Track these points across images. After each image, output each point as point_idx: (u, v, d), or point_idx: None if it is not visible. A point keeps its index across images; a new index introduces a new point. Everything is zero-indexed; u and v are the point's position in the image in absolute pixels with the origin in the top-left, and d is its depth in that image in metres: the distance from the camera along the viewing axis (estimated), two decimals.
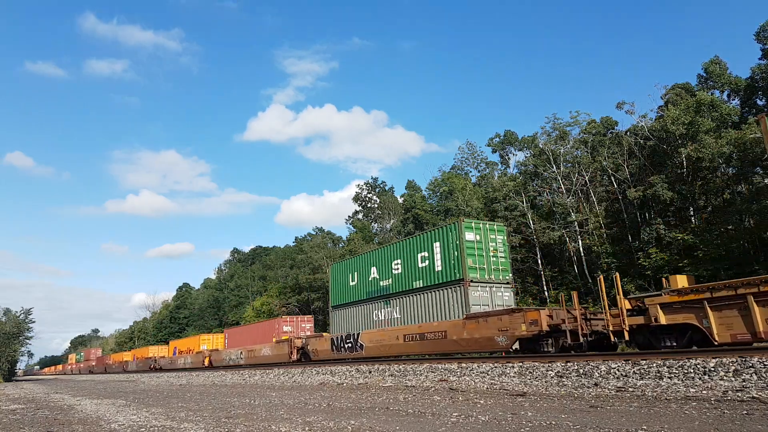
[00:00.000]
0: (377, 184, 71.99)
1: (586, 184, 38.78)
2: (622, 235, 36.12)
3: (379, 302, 24.26)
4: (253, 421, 7.31)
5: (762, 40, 35.13)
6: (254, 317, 64.63)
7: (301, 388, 13.44)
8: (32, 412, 11.44)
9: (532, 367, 11.56)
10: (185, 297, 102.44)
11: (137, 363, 55.60)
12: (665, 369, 9.23)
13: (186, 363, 41.72)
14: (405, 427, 6.15)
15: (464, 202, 44.89)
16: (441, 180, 52.38)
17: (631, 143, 36.51)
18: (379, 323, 23.80)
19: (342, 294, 27.52)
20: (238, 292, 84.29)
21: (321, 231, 73.78)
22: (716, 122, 31.92)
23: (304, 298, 62.21)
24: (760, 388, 7.25)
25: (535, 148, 43.69)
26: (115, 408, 11.17)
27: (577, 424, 5.56)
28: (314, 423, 6.80)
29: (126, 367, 58.88)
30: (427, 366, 14.61)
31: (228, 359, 34.61)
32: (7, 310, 58.63)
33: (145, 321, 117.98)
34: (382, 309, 23.97)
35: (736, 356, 9.11)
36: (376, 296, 24.56)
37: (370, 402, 9.00)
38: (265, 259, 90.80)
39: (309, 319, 36.14)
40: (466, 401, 8.24)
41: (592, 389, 8.60)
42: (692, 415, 5.80)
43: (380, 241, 61.18)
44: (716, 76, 38.03)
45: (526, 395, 8.53)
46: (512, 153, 55.36)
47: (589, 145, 40.11)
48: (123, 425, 7.91)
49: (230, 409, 9.25)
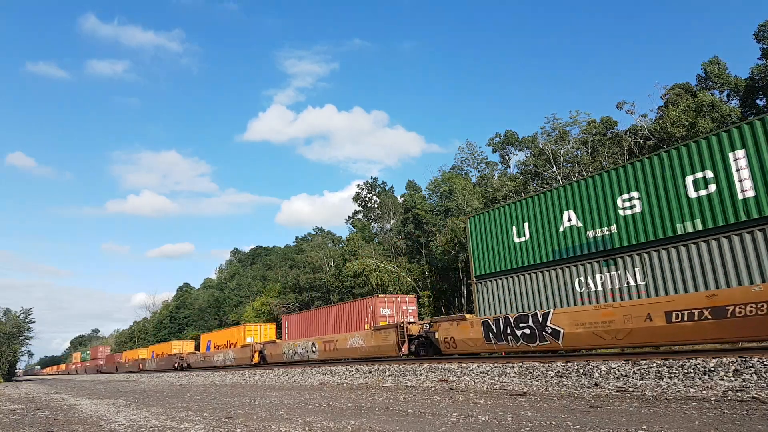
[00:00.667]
0: (377, 184, 72.09)
1: None
2: None
3: (587, 264, 16.49)
4: (253, 421, 7.31)
5: (761, 40, 35.15)
6: (254, 317, 64.63)
7: (301, 388, 13.44)
8: (32, 412, 11.44)
9: (532, 367, 11.57)
10: (185, 297, 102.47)
11: (157, 361, 48.67)
12: (665, 369, 9.23)
13: (226, 359, 35.23)
14: (405, 427, 6.15)
15: (464, 202, 44.90)
16: (441, 180, 52.42)
17: (630, 143, 36.51)
18: (587, 296, 16.33)
19: (494, 258, 19.59)
20: (239, 292, 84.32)
21: (321, 231, 73.87)
22: (716, 123, 31.94)
23: (304, 298, 62.21)
24: (760, 388, 7.25)
25: (535, 148, 43.70)
26: (115, 408, 11.17)
27: (577, 424, 5.56)
28: (314, 423, 6.80)
29: (143, 366, 52.07)
30: (427, 366, 14.63)
31: (291, 353, 27.47)
32: (7, 310, 58.81)
33: (145, 321, 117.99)
34: (593, 274, 16.27)
35: (736, 356, 9.11)
36: (579, 255, 16.78)
37: (370, 402, 9.00)
38: (266, 259, 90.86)
39: (411, 299, 28.95)
40: (466, 401, 8.24)
41: (592, 389, 8.60)
42: (692, 415, 5.80)
43: (380, 241, 61.24)
44: (715, 77, 38.06)
45: (526, 395, 8.53)
46: (512, 153, 55.41)
47: (589, 145, 40.13)
48: (123, 425, 7.91)
49: (230, 409, 9.25)
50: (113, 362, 66.95)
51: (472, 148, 58.76)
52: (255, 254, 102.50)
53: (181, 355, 43.55)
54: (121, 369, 60.46)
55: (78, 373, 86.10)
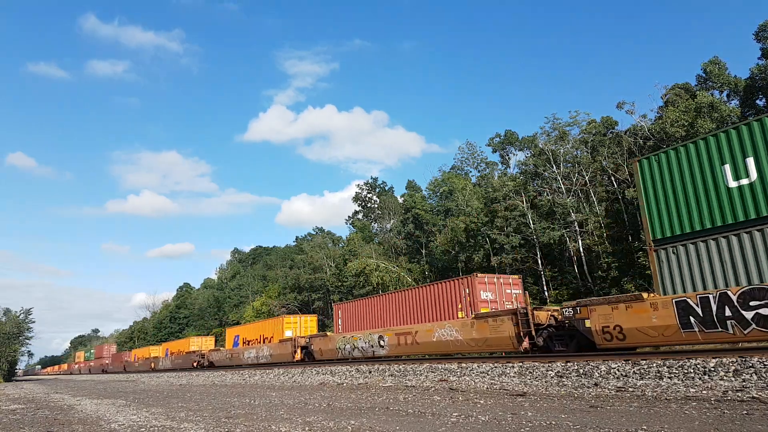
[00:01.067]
0: (377, 184, 72.18)
1: (586, 184, 38.78)
2: (622, 235, 36.12)
3: None
4: (253, 421, 7.31)
5: (761, 40, 35.16)
6: (254, 317, 64.60)
7: (301, 388, 13.45)
8: (32, 412, 11.44)
9: (532, 367, 11.57)
10: (185, 297, 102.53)
11: (172, 359, 44.59)
12: (665, 369, 9.23)
13: (260, 356, 31.46)
14: (405, 427, 6.15)
15: (464, 202, 44.93)
16: (441, 180, 52.49)
17: (630, 143, 36.53)
18: None
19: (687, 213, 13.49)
20: (239, 292, 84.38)
21: (321, 231, 73.93)
22: (716, 123, 31.94)
23: (304, 298, 62.26)
24: (760, 388, 7.25)
25: (535, 148, 43.74)
26: (115, 408, 11.18)
27: (577, 424, 5.57)
28: (314, 423, 6.80)
29: (155, 365, 47.71)
30: (427, 366, 14.63)
31: (349, 348, 23.43)
32: (7, 310, 58.90)
33: (144, 321, 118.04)
34: None
35: (736, 356, 9.12)
36: None
37: (370, 402, 9.01)
38: (266, 259, 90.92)
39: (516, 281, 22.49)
40: (466, 401, 8.24)
41: (592, 389, 8.60)
42: (692, 415, 5.80)
43: (380, 241, 61.27)
44: (715, 77, 38.07)
45: (526, 395, 8.53)
46: (512, 153, 55.48)
47: (589, 145, 40.15)
48: (123, 425, 7.91)
49: (230, 409, 9.25)
50: (120, 361, 62.74)
51: (472, 148, 58.90)
52: (255, 254, 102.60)
53: (201, 352, 39.60)
54: (129, 368, 56.23)
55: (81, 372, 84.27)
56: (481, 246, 42.59)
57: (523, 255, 40.14)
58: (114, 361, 65.94)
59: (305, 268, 63.43)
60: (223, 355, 36.73)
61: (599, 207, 37.93)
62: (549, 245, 39.25)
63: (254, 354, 32.33)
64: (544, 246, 39.52)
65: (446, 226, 45.71)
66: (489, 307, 19.60)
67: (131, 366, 56.06)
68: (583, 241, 37.44)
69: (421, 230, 50.37)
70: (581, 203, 38.53)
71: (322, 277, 59.17)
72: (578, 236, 37.66)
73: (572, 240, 38.30)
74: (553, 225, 38.56)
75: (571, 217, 37.60)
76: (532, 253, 40.32)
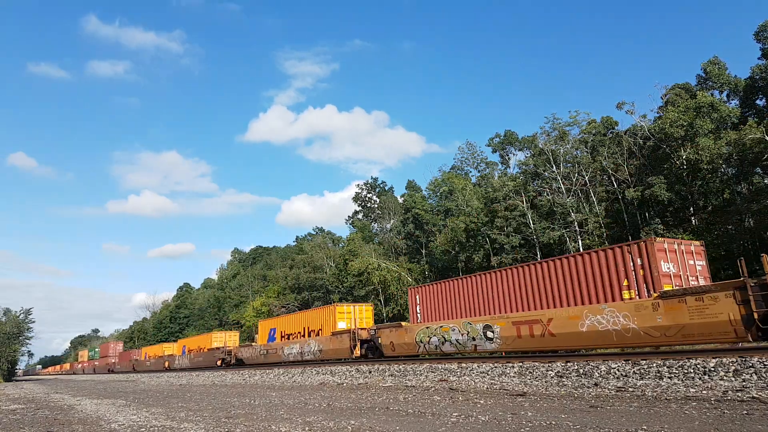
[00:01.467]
0: (377, 184, 72.17)
1: (586, 184, 38.77)
2: (622, 235, 36.10)
3: None
4: (253, 421, 7.31)
5: (761, 40, 35.13)
6: (254, 317, 64.56)
7: (301, 388, 13.44)
8: (32, 412, 11.44)
9: (532, 367, 11.57)
10: (185, 297, 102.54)
11: (192, 357, 39.62)
12: (665, 369, 9.23)
13: (306, 352, 27.29)
14: (405, 427, 6.15)
15: (464, 202, 44.92)
16: (441, 180, 52.46)
17: (630, 143, 36.53)
18: None
19: None
20: (239, 292, 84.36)
21: (321, 231, 73.94)
22: (716, 123, 31.94)
23: (304, 298, 62.24)
24: (760, 388, 7.25)
25: (535, 148, 43.72)
26: (115, 408, 11.17)
27: (577, 424, 5.56)
28: (314, 423, 6.80)
29: (170, 364, 43.07)
30: (427, 366, 14.62)
31: (436, 342, 19.42)
32: (7, 310, 58.87)
33: (144, 321, 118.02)
34: None
35: (736, 356, 9.12)
36: None
37: (370, 402, 9.00)
38: (266, 259, 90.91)
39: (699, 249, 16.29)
40: (466, 401, 8.24)
41: (592, 389, 8.59)
42: (692, 415, 5.80)
43: (380, 241, 61.28)
44: (715, 77, 38.06)
45: (526, 395, 8.53)
46: (512, 153, 55.45)
47: (589, 145, 40.14)
48: (123, 425, 7.91)
49: (230, 409, 9.25)
50: (128, 360, 57.70)
51: (472, 148, 58.86)
52: (255, 254, 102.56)
53: (227, 349, 35.50)
54: (139, 368, 51.04)
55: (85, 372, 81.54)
56: (481, 246, 42.59)
57: (523, 255, 40.12)
58: (122, 360, 61.22)
59: (305, 268, 63.43)
60: (256, 351, 32.22)
61: (599, 207, 37.92)
62: (549, 245, 39.22)
63: (297, 349, 28.19)
64: (544, 246, 39.50)
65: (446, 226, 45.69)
66: (672, 284, 14.44)
67: (141, 365, 51.51)
68: (583, 241, 37.41)
69: (421, 230, 50.36)
70: (581, 203, 38.51)
71: (322, 277, 59.17)
72: (578, 236, 37.63)
73: (572, 240, 38.28)
74: (553, 225, 38.54)
75: (571, 217, 37.57)
76: (532, 253, 40.30)
